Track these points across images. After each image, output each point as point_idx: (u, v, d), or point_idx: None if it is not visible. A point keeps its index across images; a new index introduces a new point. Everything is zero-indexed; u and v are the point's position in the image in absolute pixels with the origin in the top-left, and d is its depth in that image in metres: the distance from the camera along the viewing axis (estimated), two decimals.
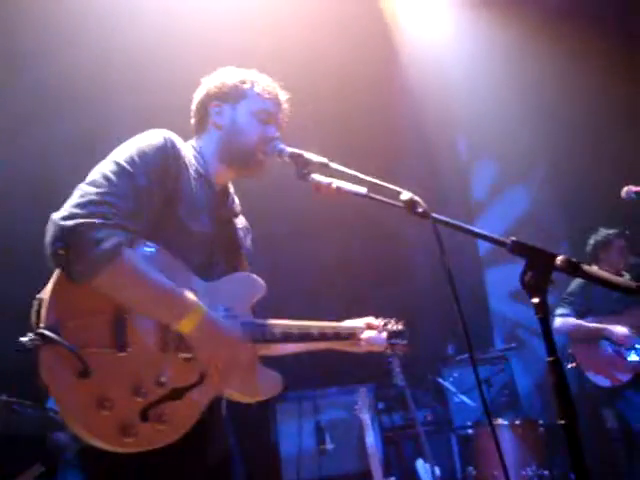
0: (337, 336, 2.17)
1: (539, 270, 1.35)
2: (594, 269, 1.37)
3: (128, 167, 1.61)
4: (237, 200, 2.08)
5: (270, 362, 1.92)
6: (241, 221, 2.08)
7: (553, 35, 5.02)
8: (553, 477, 4.15)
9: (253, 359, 1.83)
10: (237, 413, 2.07)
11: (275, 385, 1.85)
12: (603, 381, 4.37)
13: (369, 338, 2.26)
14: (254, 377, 1.81)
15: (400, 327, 2.44)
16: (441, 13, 5.44)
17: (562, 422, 1.29)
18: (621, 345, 4.27)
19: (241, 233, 2.05)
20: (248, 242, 2.08)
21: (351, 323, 2.27)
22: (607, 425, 4.63)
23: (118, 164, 1.61)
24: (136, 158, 1.64)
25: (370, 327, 2.30)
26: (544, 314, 1.34)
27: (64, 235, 1.46)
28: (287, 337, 1.96)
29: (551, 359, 1.32)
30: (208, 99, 1.95)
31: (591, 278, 1.34)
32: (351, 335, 2.23)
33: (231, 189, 2.05)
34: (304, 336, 2.03)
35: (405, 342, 2.45)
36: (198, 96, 1.99)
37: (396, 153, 5.51)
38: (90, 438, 1.44)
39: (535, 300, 1.34)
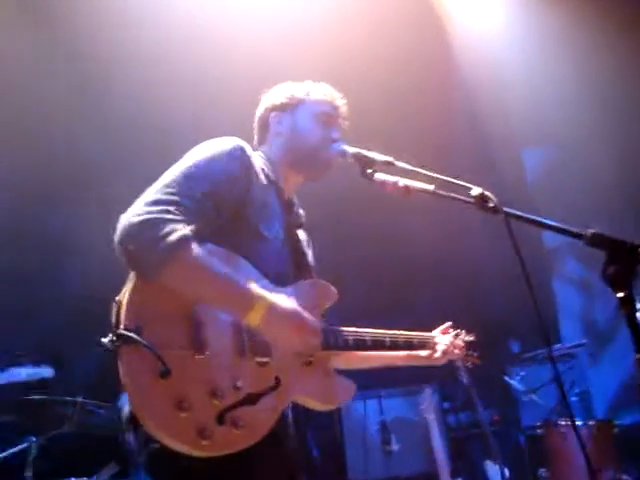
0: (409, 344, 2.14)
1: (622, 263, 1.29)
2: None
3: (198, 171, 1.65)
4: (302, 212, 2.11)
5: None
6: (303, 234, 2.10)
7: (606, 13, 4.82)
8: None
9: (326, 364, 1.83)
10: (306, 411, 2.09)
11: (348, 392, 1.84)
12: None
13: (445, 348, 2.24)
14: (328, 383, 1.80)
15: (472, 338, 2.41)
16: (492, 2, 5.32)
17: None
18: None
19: (305, 244, 2.07)
20: (310, 254, 2.09)
21: (422, 334, 2.25)
22: None
23: (189, 167, 1.65)
24: (207, 162, 1.68)
25: (443, 333, 2.29)
26: (630, 309, 1.28)
27: (132, 231, 1.49)
28: (360, 344, 1.94)
29: (639, 357, 1.26)
30: (267, 111, 2.02)
31: None
32: (424, 344, 2.21)
33: (296, 200, 2.08)
34: (376, 344, 2.00)
35: (477, 354, 2.41)
36: (259, 112, 2.06)
37: (451, 148, 5.40)
38: (168, 440, 1.45)
39: (620, 294, 1.28)
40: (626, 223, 5.77)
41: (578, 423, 4.10)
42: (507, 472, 4.19)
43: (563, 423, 4.17)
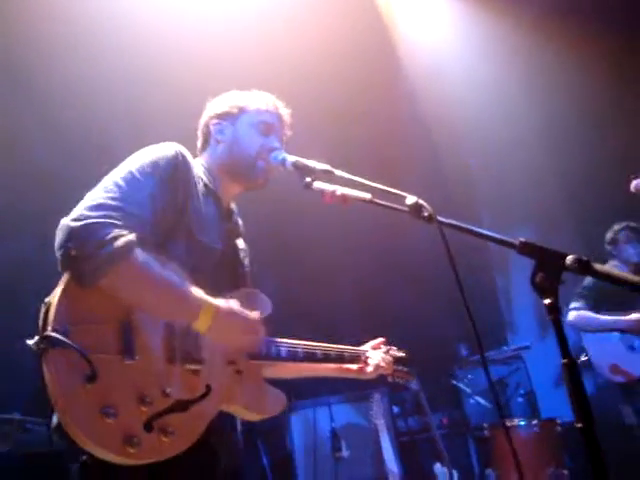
0: (340, 358, 2.17)
1: (549, 271, 1.33)
2: (604, 267, 1.34)
3: (139, 176, 1.64)
4: (240, 221, 2.10)
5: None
6: (242, 243, 2.10)
7: (552, 29, 4.99)
8: (572, 476, 4.10)
9: (258, 374, 1.82)
10: (252, 423, 2.07)
11: (279, 403, 1.85)
12: (617, 377, 4.32)
13: (376, 363, 2.26)
14: (259, 393, 1.81)
15: (402, 354, 2.44)
16: (438, 13, 5.43)
17: (579, 426, 1.26)
18: (634, 334, 4.22)
19: (242, 254, 2.07)
20: (247, 263, 2.09)
21: (354, 348, 2.28)
22: (626, 422, 4.58)
23: (130, 172, 1.64)
24: (148, 168, 1.67)
25: (374, 348, 2.32)
26: (556, 315, 1.32)
27: (74, 235, 1.47)
28: (292, 356, 1.98)
29: (565, 361, 1.30)
30: (210, 119, 2.02)
31: (601, 276, 1.32)
32: (355, 358, 2.24)
33: (235, 209, 2.08)
34: (308, 356, 2.04)
35: (406, 369, 2.44)
36: (202, 119, 2.06)
37: (399, 159, 5.48)
38: (93, 447, 1.42)
39: (546, 301, 1.32)
40: (565, 227, 5.97)
41: (522, 423, 4.20)
42: (455, 474, 4.26)
43: (508, 424, 4.26)
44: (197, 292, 1.61)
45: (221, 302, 1.66)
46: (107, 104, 4.35)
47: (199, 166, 1.91)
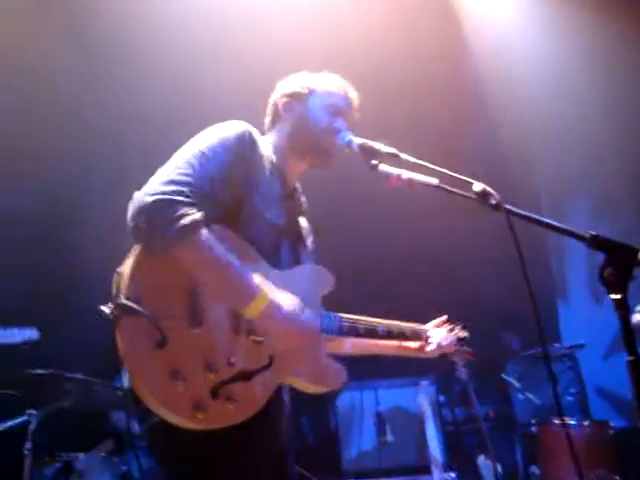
0: (402, 335, 2.17)
1: (620, 265, 1.30)
2: None
3: (209, 153, 1.69)
4: (304, 199, 2.13)
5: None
6: (304, 221, 2.13)
7: (617, 9, 4.79)
8: None
9: (321, 349, 1.85)
10: (302, 400, 2.11)
11: (339, 377, 1.86)
12: None
13: (439, 342, 2.25)
14: (320, 366, 1.83)
15: (465, 333, 2.41)
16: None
17: None
18: None
19: (305, 232, 2.10)
20: (310, 242, 2.12)
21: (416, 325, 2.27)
22: None
23: (200, 150, 1.69)
24: (217, 145, 1.72)
25: (437, 326, 2.31)
26: (624, 311, 1.29)
27: (146, 210, 1.53)
28: (354, 331, 1.99)
29: (631, 358, 1.27)
30: (280, 97, 2.05)
31: None
32: (417, 335, 2.23)
33: (299, 187, 2.11)
34: (369, 332, 2.05)
35: (470, 350, 2.42)
36: (272, 97, 2.09)
37: (462, 144, 5.39)
38: (163, 410, 1.48)
39: (615, 296, 1.29)
40: (624, 206, 5.75)
41: (572, 423, 4.11)
42: (500, 468, 4.22)
43: (557, 422, 4.19)
44: (257, 279, 1.65)
45: (282, 296, 1.70)
46: (170, 80, 4.46)
47: (266, 144, 1.95)
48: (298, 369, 1.75)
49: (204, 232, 1.59)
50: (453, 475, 4.10)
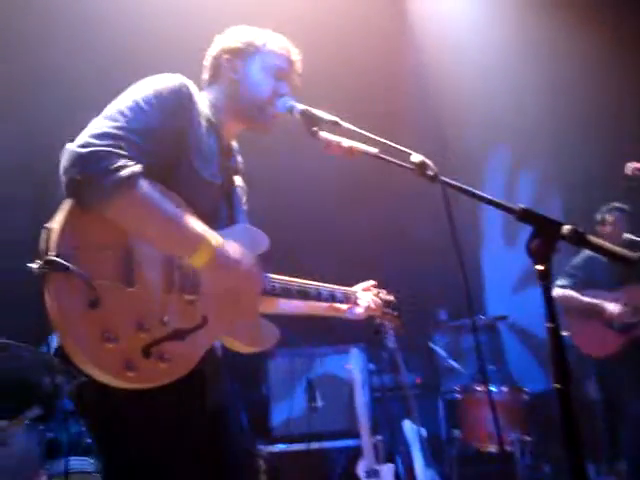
0: (333, 297, 2.20)
1: (545, 238, 1.37)
2: (598, 240, 1.38)
3: (144, 105, 1.63)
4: (240, 158, 2.10)
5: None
6: (239, 180, 2.10)
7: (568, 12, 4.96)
8: (534, 442, 4.28)
9: (255, 307, 1.85)
10: (233, 364, 2.12)
11: (272, 336, 1.87)
12: (589, 352, 4.47)
13: (366, 304, 2.29)
14: (253, 326, 1.83)
15: (392, 297, 2.47)
16: None
17: (557, 386, 1.32)
18: (612, 322, 4.35)
19: (240, 192, 2.08)
20: (244, 201, 2.11)
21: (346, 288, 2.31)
22: (590, 396, 4.76)
23: (135, 101, 1.62)
24: (152, 98, 1.65)
25: (364, 290, 2.33)
26: (547, 281, 1.36)
27: (81, 162, 1.47)
28: (286, 292, 2.01)
29: (551, 325, 1.35)
30: (221, 54, 1.96)
31: (594, 248, 1.36)
32: (346, 298, 2.26)
33: (236, 146, 2.07)
34: (302, 293, 2.07)
35: (395, 313, 2.48)
36: (211, 51, 1.99)
37: (400, 115, 5.46)
38: (94, 370, 1.46)
39: (539, 267, 1.36)
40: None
41: (492, 389, 4.34)
42: (424, 432, 4.42)
43: (479, 389, 4.41)
44: (200, 226, 1.63)
45: (229, 244, 1.69)
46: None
47: (204, 100, 1.89)
48: (231, 328, 1.75)
49: (144, 183, 1.54)
50: (379, 438, 4.26)
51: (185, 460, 1.63)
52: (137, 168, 1.52)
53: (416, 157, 1.59)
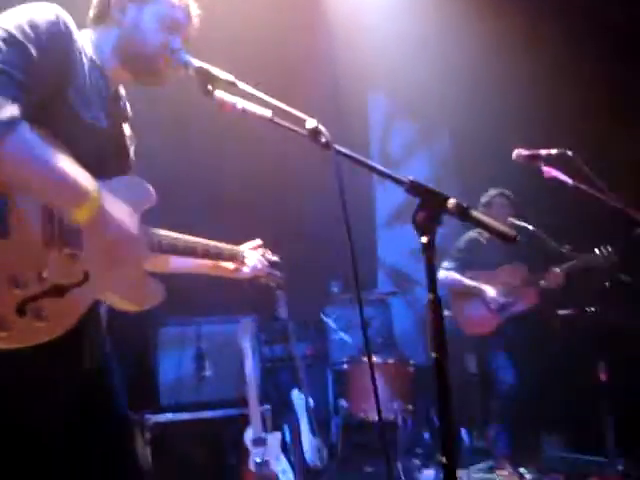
0: (219, 255, 2.17)
1: (431, 210, 1.40)
2: (480, 215, 1.43)
3: (19, 36, 1.46)
4: (128, 106, 1.97)
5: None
6: (127, 128, 1.97)
7: None
8: (416, 411, 4.50)
9: (139, 264, 1.77)
10: (121, 331, 2.02)
11: (157, 294, 1.80)
12: (470, 329, 4.75)
13: (252, 263, 2.28)
14: (138, 284, 1.75)
15: (276, 258, 2.48)
16: None
17: (434, 355, 1.37)
18: (490, 304, 4.64)
19: (128, 140, 1.96)
20: (132, 151, 1.99)
21: (233, 246, 2.28)
22: (469, 370, 5.06)
23: (8, 32, 1.45)
24: (27, 28, 1.48)
25: (251, 249, 2.32)
26: (430, 253, 1.40)
27: None
28: (172, 249, 1.95)
29: (431, 296, 1.39)
30: None
31: (476, 222, 1.41)
32: (233, 256, 2.24)
33: (123, 92, 1.94)
34: (188, 250, 2.02)
35: (280, 275, 2.49)
36: None
37: (302, 82, 5.41)
38: None
39: (424, 239, 1.39)
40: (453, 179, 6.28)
41: (379, 360, 4.49)
42: (311, 402, 4.50)
43: (365, 360, 4.56)
44: (86, 179, 1.50)
45: (115, 203, 1.58)
46: None
47: (86, 39, 1.74)
48: (115, 286, 1.65)
49: (24, 128, 1.40)
50: (267, 407, 4.29)
51: (51, 424, 1.55)
52: (16, 110, 1.38)
53: (310, 123, 1.57)
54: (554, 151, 2.90)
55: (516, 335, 4.67)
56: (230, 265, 2.27)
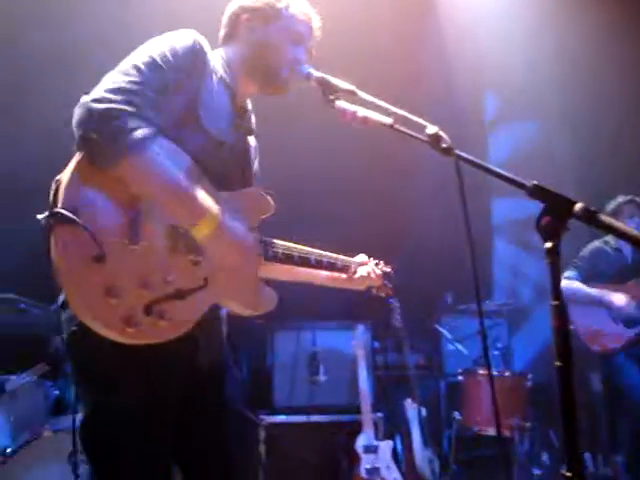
0: (333, 266, 2.23)
1: (556, 216, 1.36)
2: (610, 219, 1.36)
3: (159, 61, 1.64)
4: (254, 119, 2.09)
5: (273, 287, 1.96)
6: (253, 140, 2.10)
7: None
8: (533, 429, 4.30)
9: (254, 272, 1.87)
10: (240, 334, 2.13)
11: (271, 301, 1.89)
12: (594, 346, 4.46)
13: (366, 275, 2.32)
14: (253, 290, 1.85)
15: (389, 269, 2.49)
16: None
17: (558, 364, 1.32)
18: (617, 314, 4.31)
19: (253, 152, 2.08)
20: (256, 163, 2.11)
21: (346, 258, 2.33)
22: (592, 389, 4.76)
23: (150, 56, 1.64)
24: (167, 53, 1.66)
25: (363, 264, 2.36)
26: (554, 259, 1.35)
27: (95, 117, 1.48)
28: (287, 258, 2.03)
29: (555, 303, 1.34)
30: (240, 12, 1.95)
31: (606, 227, 1.35)
32: (346, 267, 2.29)
33: (249, 106, 2.06)
34: (302, 260, 2.09)
35: (392, 286, 2.50)
36: (231, 8, 1.98)
37: (419, 94, 5.40)
38: (96, 324, 1.48)
39: (548, 245, 1.35)
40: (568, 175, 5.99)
41: (495, 374, 4.35)
42: (424, 412, 4.45)
43: (481, 372, 4.42)
44: (206, 199, 1.64)
45: (232, 223, 1.71)
46: None
47: (217, 58, 1.89)
48: (232, 292, 1.77)
49: (155, 147, 1.56)
50: (380, 415, 4.29)
51: (169, 400, 1.67)
52: (150, 130, 1.54)
53: (431, 129, 1.58)
54: None
55: None
56: (343, 275, 2.32)
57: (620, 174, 4.64)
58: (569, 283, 4.47)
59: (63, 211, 1.44)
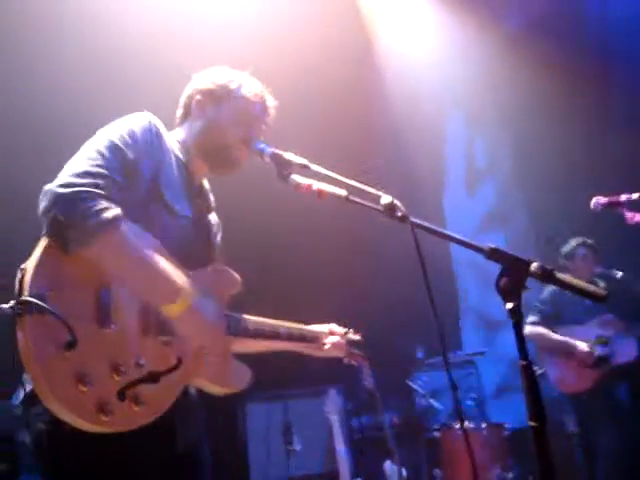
0: (302, 338, 2.25)
1: (514, 276, 1.39)
2: (566, 276, 1.40)
3: (119, 143, 1.65)
4: (212, 197, 2.12)
5: (242, 361, 1.93)
6: (214, 217, 2.11)
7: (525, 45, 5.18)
8: (516, 477, 4.25)
9: (227, 350, 1.84)
10: (211, 408, 2.08)
11: (244, 378, 1.87)
12: (565, 388, 4.50)
13: (332, 344, 2.33)
14: (226, 368, 1.82)
15: (358, 337, 2.50)
16: (420, 19, 5.56)
17: (532, 424, 1.32)
18: (585, 360, 4.38)
19: (214, 228, 2.09)
20: (219, 238, 2.12)
21: (316, 327, 2.34)
22: (567, 430, 4.76)
23: (110, 141, 1.65)
24: (126, 135, 1.68)
25: (332, 333, 2.37)
26: (517, 319, 1.38)
27: (62, 202, 1.47)
28: (258, 333, 2.02)
29: (523, 363, 1.36)
30: (194, 93, 1.98)
31: (563, 285, 1.38)
32: (315, 338, 2.30)
33: (206, 185, 2.08)
34: (273, 334, 2.10)
35: (361, 353, 2.51)
36: (187, 90, 2.02)
37: (371, 155, 5.55)
38: (68, 414, 1.41)
39: (509, 305, 1.37)
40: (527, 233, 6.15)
41: (471, 426, 4.31)
42: (404, 472, 4.35)
43: (457, 427, 4.38)
44: (179, 277, 1.63)
45: (204, 302, 1.70)
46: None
47: (173, 139, 1.92)
48: (205, 371, 1.73)
49: (124, 227, 1.55)
50: None
51: None
52: (119, 211, 1.53)
53: (385, 199, 1.61)
54: (635, 195, 2.82)
55: (619, 393, 4.38)
56: (312, 346, 2.32)
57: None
58: (534, 329, 4.54)
59: (31, 299, 1.40)
